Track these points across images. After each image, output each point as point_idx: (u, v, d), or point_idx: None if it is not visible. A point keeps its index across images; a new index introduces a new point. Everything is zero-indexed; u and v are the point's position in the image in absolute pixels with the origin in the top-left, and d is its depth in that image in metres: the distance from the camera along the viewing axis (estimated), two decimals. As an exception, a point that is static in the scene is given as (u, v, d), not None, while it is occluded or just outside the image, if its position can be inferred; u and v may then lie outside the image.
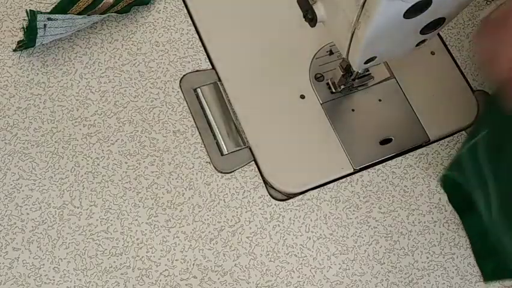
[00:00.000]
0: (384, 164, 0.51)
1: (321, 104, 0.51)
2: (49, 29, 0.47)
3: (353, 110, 0.52)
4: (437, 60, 0.55)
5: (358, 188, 0.49)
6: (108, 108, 0.49)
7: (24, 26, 0.49)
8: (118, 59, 0.51)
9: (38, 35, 0.47)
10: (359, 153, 0.50)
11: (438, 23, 0.41)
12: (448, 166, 0.48)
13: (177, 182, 0.48)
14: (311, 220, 0.48)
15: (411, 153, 0.51)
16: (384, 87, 0.53)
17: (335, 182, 0.49)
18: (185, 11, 0.54)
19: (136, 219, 0.46)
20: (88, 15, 0.49)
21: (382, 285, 0.47)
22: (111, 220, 0.46)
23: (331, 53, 0.53)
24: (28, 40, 0.48)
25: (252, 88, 0.51)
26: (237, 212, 0.47)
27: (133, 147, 0.48)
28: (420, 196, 0.50)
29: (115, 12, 0.51)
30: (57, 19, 0.47)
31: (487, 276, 0.46)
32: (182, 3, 0.54)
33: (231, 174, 0.48)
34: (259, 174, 0.49)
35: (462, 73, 0.55)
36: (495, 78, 0.38)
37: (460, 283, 0.48)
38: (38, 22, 0.46)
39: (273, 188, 0.49)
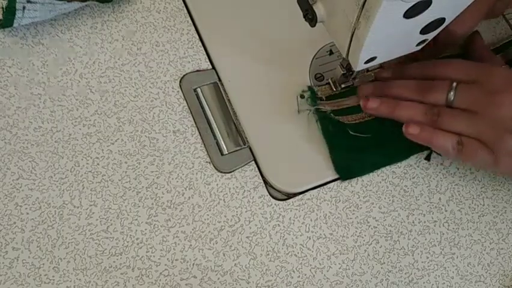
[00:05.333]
0: (384, 164, 0.51)
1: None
2: (28, 11, 0.47)
3: (352, 110, 0.52)
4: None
5: (358, 188, 0.50)
6: (108, 108, 0.49)
7: (3, 6, 0.49)
8: (118, 59, 0.51)
9: (16, 16, 0.47)
10: (359, 153, 0.50)
11: (438, 23, 0.41)
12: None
13: (177, 181, 0.48)
14: (311, 220, 0.48)
15: (411, 153, 0.51)
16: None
17: (335, 182, 0.49)
18: (186, 11, 0.54)
19: (136, 219, 0.46)
20: (68, 1, 0.49)
21: (382, 285, 0.47)
22: (111, 220, 0.46)
23: (331, 53, 0.53)
24: (5, 20, 0.48)
25: (252, 88, 0.51)
26: (237, 211, 0.47)
27: (133, 147, 0.48)
28: (420, 196, 0.50)
29: (96, 0, 0.51)
30: (37, 2, 0.47)
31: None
32: (182, 3, 0.54)
33: (231, 174, 0.48)
34: (259, 174, 0.49)
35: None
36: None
37: (460, 283, 0.48)
38: (17, 3, 0.47)
39: (273, 188, 0.49)
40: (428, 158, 0.50)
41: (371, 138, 0.49)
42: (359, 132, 0.49)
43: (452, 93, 0.46)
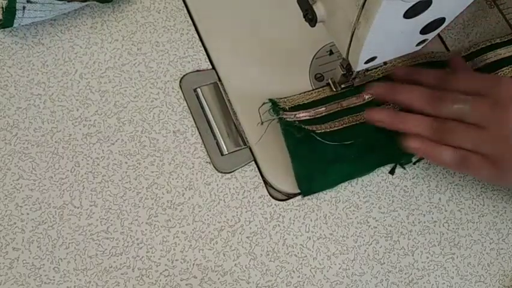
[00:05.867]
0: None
1: (321, 104, 0.51)
2: (28, 11, 0.47)
3: (352, 110, 0.52)
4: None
5: (358, 188, 0.50)
6: (108, 108, 0.49)
7: (3, 7, 0.49)
8: (118, 59, 0.51)
9: (16, 16, 0.47)
10: (358, 153, 0.50)
11: (438, 23, 0.41)
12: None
13: (177, 182, 0.48)
14: (311, 220, 0.48)
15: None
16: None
17: (335, 182, 0.49)
18: (185, 11, 0.54)
19: (136, 219, 0.46)
20: (68, 1, 0.49)
21: (382, 285, 0.47)
22: (111, 220, 0.46)
23: (331, 53, 0.53)
24: (5, 20, 0.48)
25: (252, 88, 0.51)
26: (237, 212, 0.47)
27: (133, 147, 0.48)
28: (420, 196, 0.50)
29: (96, 0, 0.51)
30: (37, 2, 0.47)
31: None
32: (182, 3, 0.54)
33: (231, 174, 0.48)
34: (259, 174, 0.49)
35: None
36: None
37: (460, 283, 0.48)
38: (17, 4, 0.47)
39: (273, 188, 0.49)
40: (392, 172, 0.50)
41: (340, 148, 0.48)
42: (328, 141, 0.48)
43: (461, 106, 0.44)
